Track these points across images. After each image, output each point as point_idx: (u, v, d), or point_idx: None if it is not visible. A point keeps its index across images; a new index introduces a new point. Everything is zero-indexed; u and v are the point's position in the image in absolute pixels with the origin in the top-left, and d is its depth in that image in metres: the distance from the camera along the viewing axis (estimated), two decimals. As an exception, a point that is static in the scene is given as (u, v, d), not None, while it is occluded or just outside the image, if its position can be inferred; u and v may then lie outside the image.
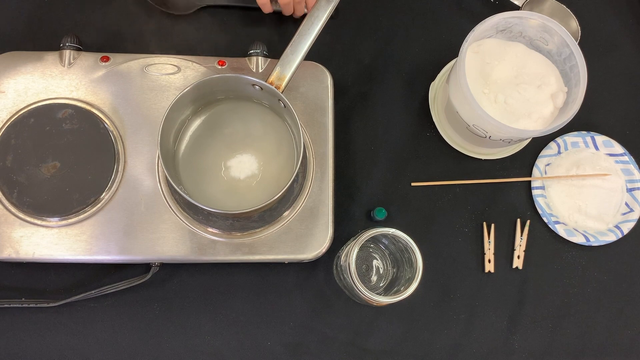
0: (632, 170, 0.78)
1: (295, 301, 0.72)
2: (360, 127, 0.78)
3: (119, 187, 0.67)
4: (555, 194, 0.77)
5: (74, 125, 0.67)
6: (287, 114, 0.66)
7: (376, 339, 0.72)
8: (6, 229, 0.65)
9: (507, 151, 0.78)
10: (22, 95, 0.68)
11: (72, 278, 0.70)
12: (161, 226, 0.67)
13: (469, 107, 0.66)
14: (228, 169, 0.68)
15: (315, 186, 0.69)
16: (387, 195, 0.76)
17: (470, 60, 0.70)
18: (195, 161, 0.68)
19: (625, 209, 0.77)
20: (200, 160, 0.68)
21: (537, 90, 0.70)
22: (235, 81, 0.64)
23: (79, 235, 0.66)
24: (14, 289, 0.70)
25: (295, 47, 0.64)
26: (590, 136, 0.79)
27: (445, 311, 0.74)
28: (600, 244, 0.75)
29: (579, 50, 0.67)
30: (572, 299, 0.75)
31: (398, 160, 0.77)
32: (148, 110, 0.69)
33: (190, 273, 0.72)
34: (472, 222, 0.76)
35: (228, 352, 0.71)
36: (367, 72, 0.80)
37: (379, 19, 0.82)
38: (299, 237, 0.68)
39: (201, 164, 0.68)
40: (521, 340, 0.74)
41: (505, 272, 0.75)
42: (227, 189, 0.68)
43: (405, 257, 0.64)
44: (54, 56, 0.70)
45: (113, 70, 0.70)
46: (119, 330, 0.70)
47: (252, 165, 0.68)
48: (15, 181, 0.65)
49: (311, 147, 0.70)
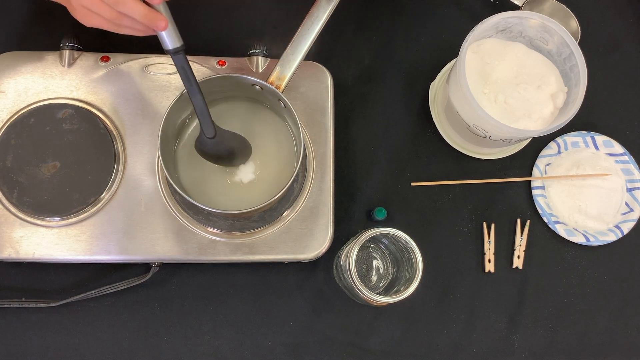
0: (632, 170, 0.78)
1: (295, 301, 0.72)
2: (360, 127, 0.78)
3: (119, 187, 0.67)
4: (555, 193, 0.77)
5: (74, 125, 0.67)
6: (287, 114, 0.66)
7: (376, 339, 0.72)
8: (6, 229, 0.65)
9: (507, 151, 0.78)
10: (22, 95, 0.68)
11: (72, 278, 0.70)
12: (161, 226, 0.67)
13: (469, 107, 0.66)
14: (228, 169, 0.68)
15: (315, 186, 0.69)
16: (387, 195, 0.76)
17: (470, 60, 0.70)
18: (195, 161, 0.68)
19: (625, 209, 0.77)
20: (200, 160, 0.68)
21: (537, 90, 0.70)
22: (235, 81, 0.64)
23: (79, 235, 0.66)
24: (14, 289, 0.70)
25: (295, 47, 0.64)
26: (590, 136, 0.79)
27: (445, 311, 0.74)
28: (600, 244, 0.75)
29: (579, 50, 0.67)
30: (572, 299, 0.75)
31: (398, 160, 0.77)
32: (148, 110, 0.69)
33: (190, 273, 0.72)
34: (472, 222, 0.76)
35: (228, 352, 0.71)
36: (367, 72, 0.80)
37: (379, 19, 0.82)
38: (299, 237, 0.68)
39: (201, 164, 0.68)
40: (521, 340, 0.74)
41: (505, 272, 0.75)
42: (227, 189, 0.68)
43: (405, 257, 0.64)
44: (54, 56, 0.70)
45: (113, 70, 0.70)
46: (119, 330, 0.70)
47: (252, 165, 0.68)
48: (15, 181, 0.65)
49: (311, 147, 0.70)
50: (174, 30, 0.57)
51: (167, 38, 0.57)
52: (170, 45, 0.58)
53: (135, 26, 0.56)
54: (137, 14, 0.54)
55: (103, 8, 0.54)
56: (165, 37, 0.57)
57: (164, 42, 0.58)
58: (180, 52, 0.58)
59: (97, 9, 0.54)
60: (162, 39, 0.58)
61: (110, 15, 0.54)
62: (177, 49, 0.58)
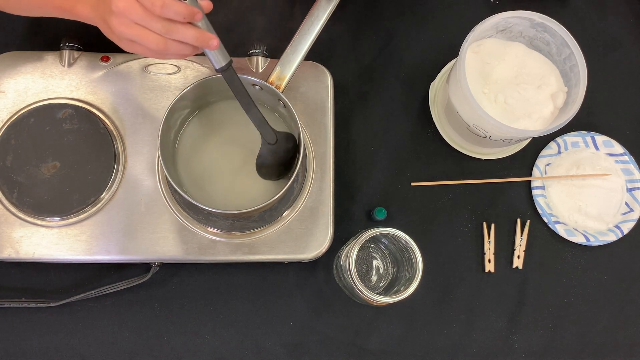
0: (632, 170, 0.78)
1: (295, 301, 0.72)
2: (360, 127, 0.78)
3: (119, 187, 0.67)
4: (555, 193, 0.77)
5: (74, 125, 0.67)
6: (287, 114, 0.66)
7: (376, 339, 0.72)
8: (6, 229, 0.65)
9: (507, 151, 0.78)
10: (22, 95, 0.68)
11: (72, 278, 0.70)
12: (161, 226, 0.67)
13: (469, 107, 0.66)
14: (228, 168, 0.68)
15: (315, 186, 0.70)
16: (387, 195, 0.76)
17: (470, 60, 0.70)
18: (195, 161, 0.68)
19: (625, 209, 0.77)
20: (200, 160, 0.68)
21: (537, 90, 0.70)
22: (235, 81, 0.64)
23: (79, 235, 0.66)
24: (14, 289, 0.70)
25: (295, 47, 0.64)
26: (590, 136, 0.79)
27: (445, 311, 0.74)
28: (600, 244, 0.75)
29: (579, 50, 0.67)
30: (572, 299, 0.75)
31: (398, 160, 0.77)
32: (148, 110, 0.69)
33: (190, 273, 0.72)
34: (472, 222, 0.76)
35: (228, 352, 0.71)
36: (367, 72, 0.80)
37: (379, 19, 0.82)
38: (299, 237, 0.68)
39: (201, 164, 0.68)
40: (521, 340, 0.74)
41: (505, 272, 0.75)
42: (227, 188, 0.68)
43: (405, 257, 0.64)
44: (54, 56, 0.70)
45: (113, 70, 0.70)
46: (119, 330, 0.70)
47: (252, 165, 0.68)
48: (15, 181, 0.65)
49: (311, 147, 0.70)
50: (222, 46, 0.55)
51: (219, 55, 0.55)
52: (224, 62, 0.56)
53: (183, 52, 0.53)
54: (190, 38, 0.51)
55: (151, 39, 0.51)
56: (216, 55, 0.55)
57: (214, 60, 0.55)
58: (230, 68, 0.57)
59: (145, 40, 0.51)
60: (211, 58, 0.55)
61: (157, 47, 0.51)
62: (228, 65, 0.56)
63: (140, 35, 0.51)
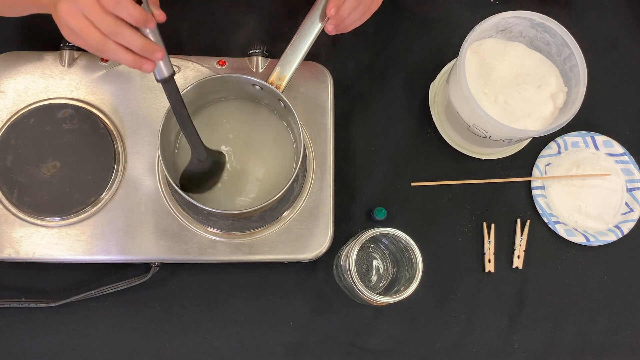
0: (632, 170, 0.78)
1: (295, 301, 0.72)
2: (360, 127, 0.78)
3: (119, 187, 0.67)
4: (555, 193, 0.77)
5: (74, 125, 0.67)
6: (287, 114, 0.66)
7: (376, 339, 0.72)
8: (6, 229, 0.65)
9: (507, 151, 0.78)
10: (22, 95, 0.68)
11: (72, 278, 0.70)
12: (161, 226, 0.67)
13: (469, 107, 0.66)
14: (228, 169, 0.68)
15: (315, 186, 0.70)
16: (387, 195, 0.76)
17: (470, 60, 0.70)
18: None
19: (625, 209, 0.77)
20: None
21: (537, 90, 0.70)
22: (235, 81, 0.64)
23: (79, 235, 0.66)
24: (14, 289, 0.70)
25: (295, 47, 0.64)
26: (590, 136, 0.79)
27: (445, 311, 0.74)
28: (600, 244, 0.75)
29: (579, 50, 0.67)
30: (572, 299, 0.75)
31: (398, 160, 0.77)
32: (148, 110, 0.69)
33: (190, 273, 0.72)
34: (472, 222, 0.76)
35: (228, 352, 0.71)
36: (367, 72, 0.80)
37: (379, 19, 0.82)
38: (299, 237, 0.68)
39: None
40: (521, 340, 0.74)
41: (505, 272, 0.75)
42: (227, 189, 0.68)
43: (405, 257, 0.64)
44: (54, 56, 0.70)
45: (113, 70, 0.70)
46: (119, 330, 0.70)
47: (252, 165, 0.68)
48: (15, 181, 0.65)
49: (311, 147, 0.70)
50: (167, 57, 0.53)
51: (163, 66, 0.53)
52: (166, 73, 0.54)
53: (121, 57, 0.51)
54: (135, 45, 0.50)
55: (92, 36, 0.50)
56: (160, 65, 0.53)
57: (157, 70, 0.53)
58: (172, 79, 0.55)
59: (85, 35, 0.50)
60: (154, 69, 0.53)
61: (96, 45, 0.50)
62: (171, 76, 0.55)
63: (82, 28, 0.50)
